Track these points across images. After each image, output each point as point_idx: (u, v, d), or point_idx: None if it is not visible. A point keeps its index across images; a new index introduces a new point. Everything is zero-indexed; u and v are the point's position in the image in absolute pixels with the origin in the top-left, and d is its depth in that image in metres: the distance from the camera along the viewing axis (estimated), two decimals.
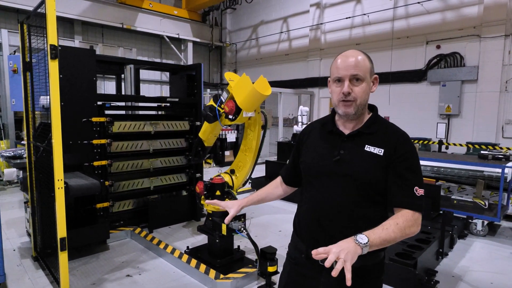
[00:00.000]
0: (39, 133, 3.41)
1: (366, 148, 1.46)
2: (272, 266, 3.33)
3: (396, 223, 1.34)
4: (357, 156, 1.47)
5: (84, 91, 4.11)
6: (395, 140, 1.46)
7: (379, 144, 1.45)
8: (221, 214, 3.62)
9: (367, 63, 1.45)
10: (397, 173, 1.42)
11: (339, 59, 1.47)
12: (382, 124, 1.52)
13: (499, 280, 3.64)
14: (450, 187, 6.06)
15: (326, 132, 1.58)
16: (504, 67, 8.18)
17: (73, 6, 11.08)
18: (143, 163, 4.88)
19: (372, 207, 1.47)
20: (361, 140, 1.48)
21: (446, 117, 9.17)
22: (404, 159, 1.42)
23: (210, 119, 3.48)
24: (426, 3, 9.27)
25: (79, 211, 4.20)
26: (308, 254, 1.48)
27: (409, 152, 1.44)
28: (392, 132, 1.49)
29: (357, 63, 1.43)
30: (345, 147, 1.50)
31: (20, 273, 3.61)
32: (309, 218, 1.56)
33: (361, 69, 1.43)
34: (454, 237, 4.50)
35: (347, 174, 1.46)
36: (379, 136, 1.48)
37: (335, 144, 1.52)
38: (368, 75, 1.46)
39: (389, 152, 1.43)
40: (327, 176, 1.50)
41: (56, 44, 2.71)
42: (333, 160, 1.48)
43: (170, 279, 3.58)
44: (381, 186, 1.44)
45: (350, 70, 1.42)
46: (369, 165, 1.44)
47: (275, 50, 13.78)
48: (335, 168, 1.48)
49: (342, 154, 1.48)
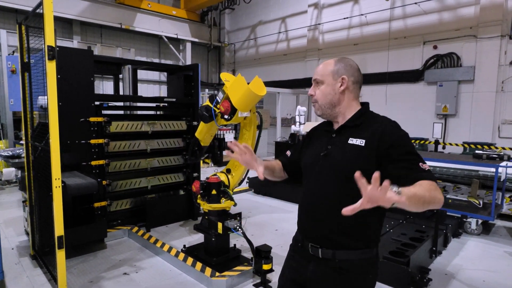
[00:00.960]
0: (37, 133, 3.45)
1: (350, 141, 1.54)
2: (267, 264, 3.38)
3: (420, 185, 1.30)
4: (341, 149, 1.56)
5: (82, 91, 4.15)
6: (380, 130, 1.49)
7: (361, 136, 1.52)
8: (217, 213, 3.67)
9: (330, 67, 1.61)
10: (396, 159, 1.42)
11: None
12: (370, 117, 1.59)
13: (491, 278, 3.69)
14: (445, 187, 6.11)
15: (323, 130, 1.73)
16: (500, 67, 8.23)
17: (72, 6, 11.12)
18: (141, 162, 4.92)
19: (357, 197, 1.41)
20: (346, 134, 1.58)
21: (443, 117, 9.22)
22: (397, 145, 1.44)
23: (206, 119, 3.52)
24: (423, 4, 9.32)
25: (77, 210, 4.25)
26: (303, 244, 1.65)
27: (400, 138, 1.47)
28: (378, 123, 1.53)
29: (319, 69, 1.64)
30: (333, 142, 1.61)
31: (18, 271, 3.65)
32: (303, 210, 1.69)
33: (319, 73, 1.63)
34: (448, 236, 4.55)
35: (331, 167, 1.56)
36: (363, 128, 1.55)
37: (326, 140, 1.65)
38: (328, 77, 1.60)
39: (371, 142, 1.47)
40: (316, 171, 1.62)
41: (54, 45, 2.75)
42: (321, 155, 1.61)
43: (167, 277, 3.62)
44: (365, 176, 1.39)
45: (314, 76, 1.66)
46: (351, 156, 1.50)
47: (273, 50, 13.82)
48: (323, 162, 1.59)
49: (329, 149, 1.60)
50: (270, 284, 3.45)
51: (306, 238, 1.64)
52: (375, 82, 10.42)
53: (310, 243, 1.60)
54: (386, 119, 1.57)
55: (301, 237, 1.68)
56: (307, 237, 1.64)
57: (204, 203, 3.66)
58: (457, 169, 5.90)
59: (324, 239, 1.57)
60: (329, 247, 1.55)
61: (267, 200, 6.82)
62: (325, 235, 1.56)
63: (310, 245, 1.60)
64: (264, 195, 7.10)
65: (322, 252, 1.56)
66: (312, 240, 1.60)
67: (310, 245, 1.60)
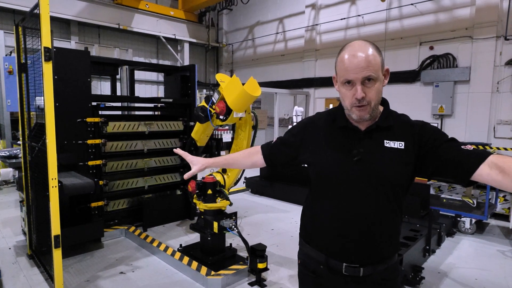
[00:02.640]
0: (35, 133, 3.48)
1: (386, 144, 1.35)
2: (261, 263, 3.42)
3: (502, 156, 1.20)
4: (378, 154, 1.34)
5: (78, 92, 4.18)
6: (416, 129, 1.36)
7: (397, 137, 1.34)
8: (213, 213, 3.71)
9: (378, 59, 1.30)
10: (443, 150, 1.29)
11: (347, 56, 1.31)
12: (396, 117, 1.42)
13: (483, 276, 3.73)
14: (441, 186, 6.17)
15: (338, 128, 1.43)
16: (496, 68, 8.29)
17: (69, 6, 11.12)
18: (138, 162, 4.95)
19: (397, 202, 1.37)
20: (379, 135, 1.36)
21: (439, 117, 9.28)
22: (436, 138, 1.32)
23: (202, 119, 3.56)
24: (419, 5, 9.37)
25: (74, 210, 4.27)
26: (329, 264, 1.41)
27: (436, 131, 1.36)
28: (408, 123, 1.40)
29: (368, 62, 1.27)
30: (363, 144, 1.36)
31: (16, 270, 3.68)
32: (335, 228, 1.41)
33: (373, 68, 1.27)
34: (442, 235, 4.60)
35: (372, 177, 1.33)
36: (396, 129, 1.37)
37: (351, 142, 1.37)
38: (380, 72, 1.31)
39: (411, 144, 1.33)
40: (349, 180, 1.36)
41: (50, 47, 2.78)
42: (353, 160, 1.34)
43: (163, 276, 3.65)
44: (406, 183, 1.37)
45: (361, 73, 1.27)
46: (392, 163, 1.32)
47: (271, 50, 13.86)
48: (357, 171, 1.35)
49: (362, 153, 1.34)
50: (265, 282, 3.49)
51: (335, 258, 1.41)
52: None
53: (344, 264, 1.39)
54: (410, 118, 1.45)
55: (325, 258, 1.43)
56: (338, 258, 1.40)
57: (200, 203, 3.70)
58: None
59: (365, 258, 1.38)
60: (370, 264, 1.38)
61: (263, 200, 6.86)
62: (368, 253, 1.38)
63: (345, 266, 1.38)
64: (261, 195, 7.14)
65: (363, 271, 1.38)
66: (349, 260, 1.39)
67: (345, 265, 1.38)
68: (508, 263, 4.06)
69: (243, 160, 1.73)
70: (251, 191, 7.37)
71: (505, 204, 5.54)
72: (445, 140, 1.31)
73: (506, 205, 5.52)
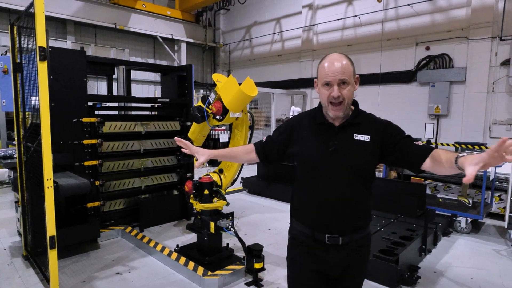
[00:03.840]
0: (30, 134, 3.46)
1: (355, 137, 1.68)
2: (258, 263, 3.42)
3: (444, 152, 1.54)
4: (348, 145, 1.68)
5: (74, 91, 4.17)
6: (382, 126, 1.71)
7: (365, 132, 1.69)
8: (210, 213, 3.71)
9: (351, 67, 1.66)
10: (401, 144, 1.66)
11: (326, 64, 1.65)
12: (364, 115, 1.77)
13: (479, 275, 3.75)
14: (437, 186, 6.19)
15: (317, 124, 1.75)
16: (491, 69, 8.34)
17: (66, 6, 11.08)
18: (134, 163, 4.94)
19: (365, 189, 1.72)
20: (350, 130, 1.70)
21: (435, 117, 9.32)
22: (396, 134, 1.69)
23: (198, 119, 3.56)
24: (415, 5, 9.41)
25: (70, 210, 4.26)
26: (315, 236, 1.73)
27: (396, 129, 1.73)
28: (374, 120, 1.76)
29: (343, 69, 1.62)
30: (338, 138, 1.69)
31: (11, 271, 3.65)
32: (315, 205, 1.73)
33: (347, 74, 1.63)
34: (438, 234, 4.62)
35: (342, 162, 1.66)
36: (364, 125, 1.71)
37: (328, 136, 1.70)
38: (352, 78, 1.66)
39: (375, 137, 1.67)
40: (326, 166, 1.68)
41: (45, 46, 2.77)
42: (329, 150, 1.67)
43: (159, 277, 3.64)
44: (371, 168, 1.72)
45: (338, 76, 1.61)
46: (360, 152, 1.66)
47: (268, 50, 13.87)
48: (332, 158, 1.67)
49: (336, 145, 1.67)
50: (262, 283, 3.49)
51: (319, 231, 1.72)
52: (368, 82, 10.50)
53: (326, 235, 1.69)
54: (377, 117, 1.79)
55: (311, 231, 1.74)
56: (321, 230, 1.71)
57: (197, 203, 3.69)
58: None
59: (343, 229, 1.69)
60: (347, 234, 1.69)
61: (260, 200, 6.86)
62: (344, 225, 1.69)
63: (327, 236, 1.69)
64: (258, 195, 7.14)
65: (342, 240, 1.69)
66: (329, 231, 1.70)
67: (327, 236, 1.69)
68: (503, 262, 4.09)
69: (243, 156, 2.00)
70: (248, 191, 7.36)
71: (501, 203, 5.57)
72: (403, 137, 1.69)
73: (501, 205, 5.55)
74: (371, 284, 3.47)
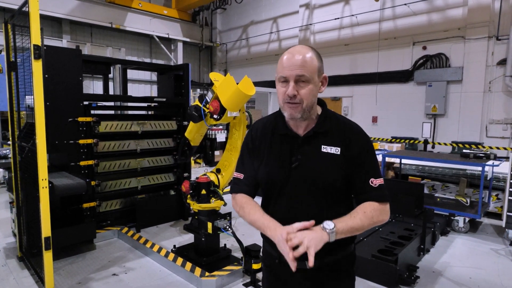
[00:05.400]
0: (25, 133, 3.41)
1: (323, 149, 1.42)
2: (256, 263, 3.39)
3: (364, 212, 1.38)
4: (315, 159, 1.42)
5: (70, 91, 4.11)
6: (349, 136, 1.44)
7: (334, 143, 1.42)
8: (207, 213, 3.67)
9: (316, 63, 1.37)
10: (356, 169, 1.42)
11: (285, 56, 1.37)
12: (334, 120, 1.48)
13: (477, 275, 3.75)
14: (434, 185, 6.19)
15: (280, 135, 1.49)
16: (488, 68, 8.36)
17: (61, 5, 10.98)
18: (131, 162, 4.89)
19: (340, 205, 1.47)
20: (317, 141, 1.44)
21: (432, 116, 9.34)
22: (358, 153, 1.42)
23: (196, 118, 3.52)
24: (412, 5, 9.42)
25: (65, 211, 4.20)
26: (281, 258, 1.40)
27: (363, 146, 1.44)
28: (345, 127, 1.47)
29: (304, 62, 1.33)
30: (302, 150, 1.44)
31: (5, 273, 3.60)
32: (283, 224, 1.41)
33: (307, 70, 1.33)
34: (436, 234, 4.61)
35: (307, 179, 1.42)
36: (334, 133, 1.44)
37: (291, 149, 1.45)
38: (315, 76, 1.37)
39: (346, 149, 1.42)
40: (290, 184, 1.45)
41: (40, 44, 2.73)
42: (292, 167, 1.43)
43: (156, 278, 3.61)
44: (343, 185, 1.44)
45: (295, 70, 1.33)
46: (328, 167, 1.41)
47: (265, 50, 13.85)
48: (296, 175, 1.43)
49: (300, 159, 1.43)
50: (260, 283, 3.46)
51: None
52: (365, 82, 10.52)
53: None
54: (349, 122, 1.51)
55: (278, 253, 1.42)
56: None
57: (194, 203, 3.66)
58: (446, 168, 5.99)
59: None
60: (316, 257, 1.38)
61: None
62: None
63: None
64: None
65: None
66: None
67: None
68: (501, 261, 4.09)
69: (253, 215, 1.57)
70: None
71: (498, 203, 5.58)
72: (368, 162, 1.44)
73: (498, 204, 5.56)
74: (370, 284, 3.46)
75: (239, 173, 1.61)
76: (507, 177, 4.66)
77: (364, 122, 10.74)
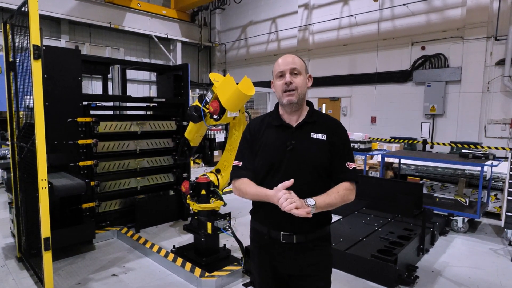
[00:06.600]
0: (24, 134, 3.40)
1: (312, 135, 1.74)
2: None
3: (337, 191, 1.68)
4: (306, 143, 1.73)
5: (69, 91, 4.11)
6: (333, 126, 1.79)
7: (321, 130, 1.75)
8: (207, 213, 3.67)
9: (303, 62, 1.78)
10: (337, 153, 1.74)
11: (280, 60, 1.77)
12: (320, 114, 1.84)
13: (476, 274, 3.76)
14: (433, 186, 6.21)
15: (275, 126, 1.80)
16: (486, 68, 8.39)
17: (60, 5, 10.97)
18: (130, 163, 4.89)
19: (323, 184, 1.74)
20: (307, 129, 1.76)
21: (431, 117, 9.36)
22: (345, 139, 1.79)
23: (195, 119, 3.52)
24: (411, 5, 9.45)
25: (64, 211, 4.20)
26: (271, 234, 1.75)
27: (342, 135, 1.79)
28: (328, 120, 1.83)
29: (295, 60, 1.74)
30: (295, 137, 1.74)
31: (4, 273, 3.59)
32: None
33: (298, 65, 1.73)
34: (436, 234, 4.62)
35: (300, 160, 1.71)
36: (320, 124, 1.77)
37: (286, 136, 1.75)
38: (304, 72, 1.75)
39: (330, 136, 1.74)
40: (284, 165, 1.71)
41: (39, 44, 2.72)
42: (287, 149, 1.72)
43: (156, 278, 3.60)
44: (328, 166, 1.74)
45: (289, 65, 1.72)
46: (317, 150, 1.72)
47: (264, 50, 13.86)
48: (290, 156, 1.71)
49: (293, 144, 1.72)
50: None
51: (274, 228, 1.74)
52: (364, 82, 10.53)
53: (281, 232, 1.72)
54: (331, 117, 1.87)
55: (267, 229, 1.76)
56: (276, 228, 1.73)
57: (194, 204, 3.66)
58: (444, 168, 6.01)
59: (298, 227, 1.70)
60: (302, 233, 1.72)
61: None
62: (299, 223, 1.66)
63: (282, 234, 1.71)
64: None
65: (296, 238, 1.71)
66: (284, 229, 1.72)
67: (282, 234, 1.71)
68: (500, 261, 4.10)
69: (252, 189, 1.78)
70: None
71: (497, 202, 5.59)
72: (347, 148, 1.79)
73: (497, 204, 5.58)
74: (369, 284, 3.46)
75: (238, 161, 1.86)
76: (505, 177, 4.68)
77: (363, 122, 10.76)
